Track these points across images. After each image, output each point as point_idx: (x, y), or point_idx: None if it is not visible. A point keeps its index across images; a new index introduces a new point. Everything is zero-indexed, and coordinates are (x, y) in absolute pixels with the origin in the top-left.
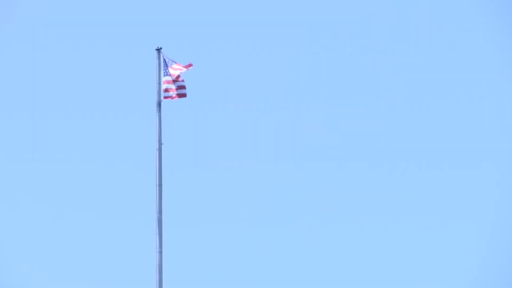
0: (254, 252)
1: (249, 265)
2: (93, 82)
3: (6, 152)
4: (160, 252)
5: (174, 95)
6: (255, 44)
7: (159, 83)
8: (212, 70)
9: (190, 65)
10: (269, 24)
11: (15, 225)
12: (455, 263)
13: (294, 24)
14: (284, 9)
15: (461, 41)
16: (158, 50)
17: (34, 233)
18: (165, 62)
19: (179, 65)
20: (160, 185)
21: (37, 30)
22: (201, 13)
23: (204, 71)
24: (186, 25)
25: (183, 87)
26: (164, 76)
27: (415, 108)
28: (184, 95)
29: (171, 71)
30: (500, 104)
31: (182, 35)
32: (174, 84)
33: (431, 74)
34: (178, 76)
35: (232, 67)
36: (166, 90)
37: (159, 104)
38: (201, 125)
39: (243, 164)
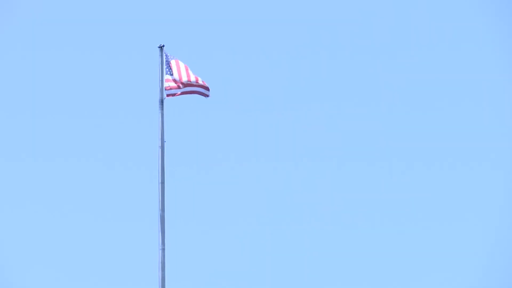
0: (256, 250)
1: (251, 263)
2: (95, 80)
3: (6, 152)
4: (163, 249)
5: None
6: (256, 44)
7: (162, 81)
8: (213, 69)
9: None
10: (269, 24)
11: (16, 225)
12: (455, 263)
13: (294, 24)
14: (284, 9)
15: (461, 41)
16: (161, 47)
17: (35, 232)
18: (167, 59)
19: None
20: (162, 182)
21: (37, 30)
22: (203, 12)
23: (206, 70)
24: (189, 24)
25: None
26: (166, 74)
27: (415, 108)
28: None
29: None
30: (500, 104)
31: (184, 34)
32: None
33: (431, 74)
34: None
35: (233, 67)
36: (169, 88)
37: (161, 102)
38: (203, 123)
39: (245, 162)
